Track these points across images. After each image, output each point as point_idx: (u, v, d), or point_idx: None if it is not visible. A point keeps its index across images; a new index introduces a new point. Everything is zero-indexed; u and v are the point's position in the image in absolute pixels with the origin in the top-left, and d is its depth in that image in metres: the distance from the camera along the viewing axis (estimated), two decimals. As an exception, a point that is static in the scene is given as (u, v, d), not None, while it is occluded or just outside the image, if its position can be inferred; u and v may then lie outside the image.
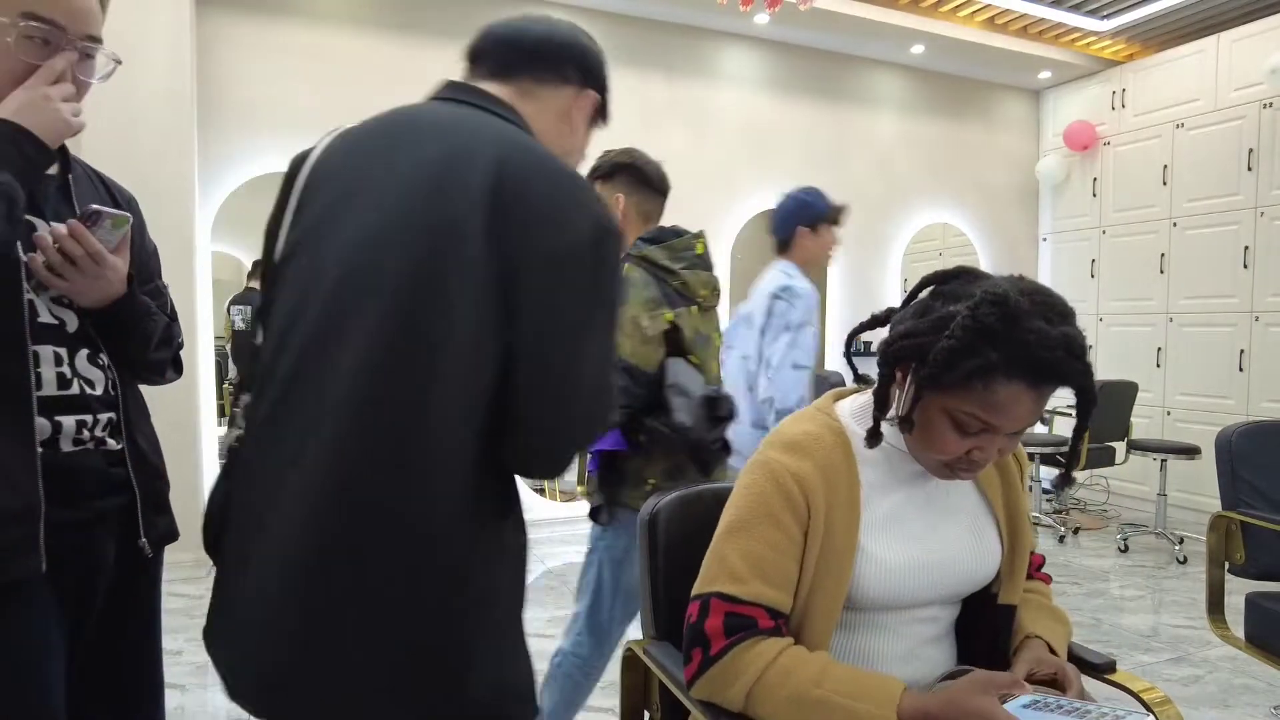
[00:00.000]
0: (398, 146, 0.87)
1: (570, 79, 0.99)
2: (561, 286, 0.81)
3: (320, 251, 0.84)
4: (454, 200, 0.80)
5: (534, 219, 0.80)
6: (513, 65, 0.97)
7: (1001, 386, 0.90)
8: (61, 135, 0.99)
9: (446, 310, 0.78)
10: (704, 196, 4.94)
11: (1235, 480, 2.05)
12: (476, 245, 0.78)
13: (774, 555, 0.98)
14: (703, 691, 0.98)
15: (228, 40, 3.85)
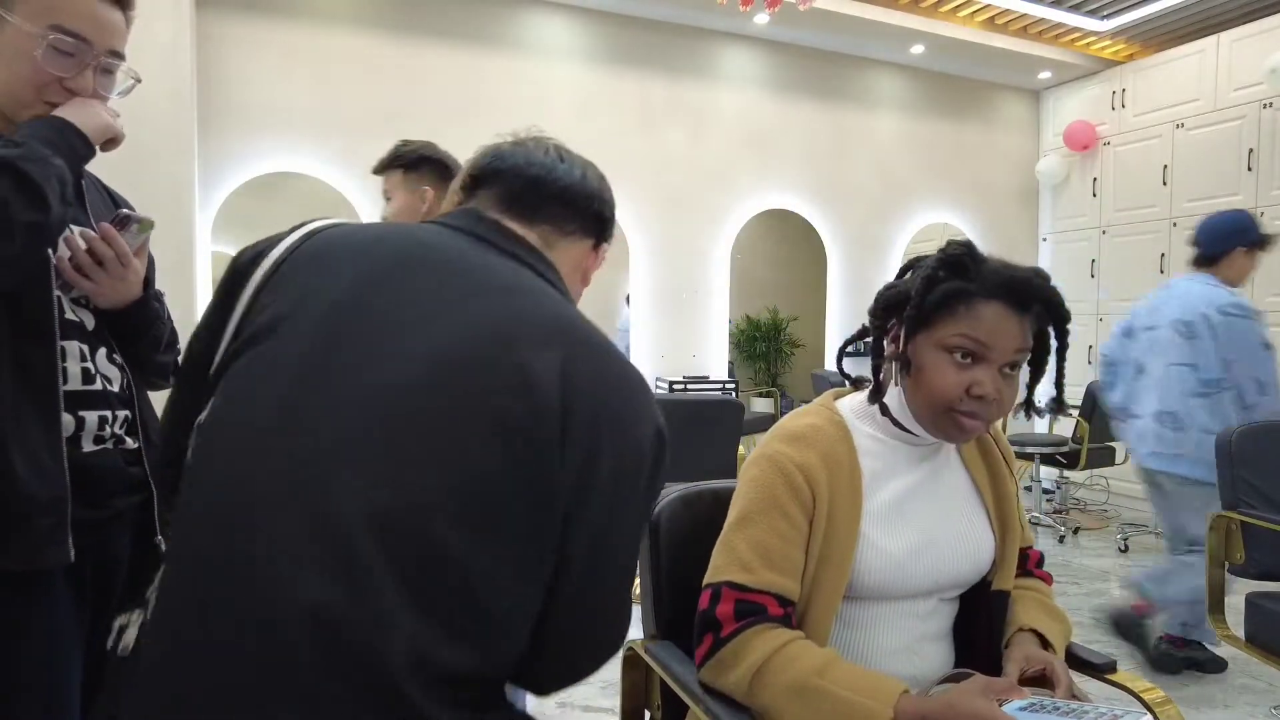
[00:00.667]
0: (440, 294, 0.74)
1: (590, 232, 0.91)
2: (620, 501, 0.73)
3: (323, 398, 0.69)
4: (517, 389, 0.68)
5: (606, 429, 0.71)
6: (538, 208, 0.86)
7: (983, 305, 0.98)
8: (104, 134, 1.04)
9: (503, 517, 0.68)
10: (704, 196, 4.95)
11: (1235, 480, 2.05)
12: (543, 449, 0.68)
13: (781, 544, 1.01)
14: (711, 674, 1.01)
15: (228, 40, 3.85)
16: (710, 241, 5.00)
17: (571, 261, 0.90)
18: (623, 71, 4.71)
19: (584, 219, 0.90)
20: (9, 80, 0.99)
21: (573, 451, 0.69)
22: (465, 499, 0.66)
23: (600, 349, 0.76)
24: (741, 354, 6.35)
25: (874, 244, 5.47)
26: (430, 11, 4.24)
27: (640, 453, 0.73)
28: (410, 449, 0.66)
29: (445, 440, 0.67)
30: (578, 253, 0.91)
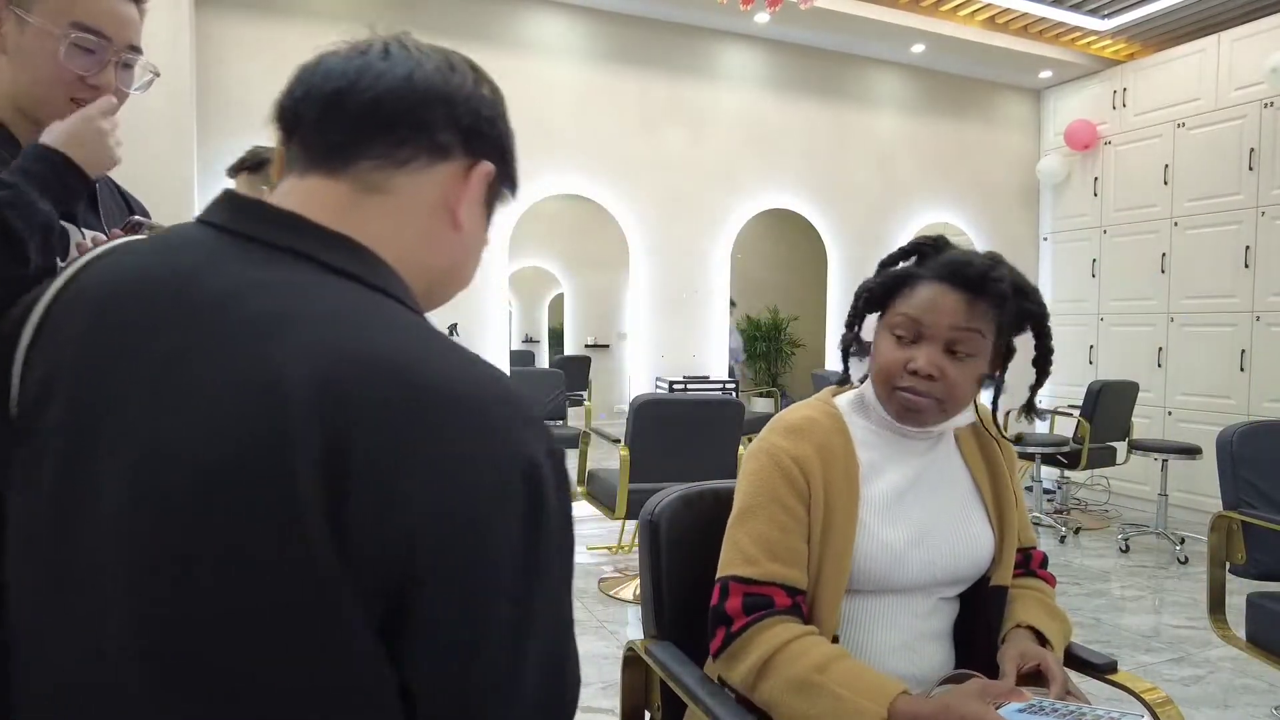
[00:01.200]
0: (150, 352, 0.53)
1: (448, 149, 0.62)
2: (479, 571, 0.51)
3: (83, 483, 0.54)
4: (261, 486, 0.48)
5: (404, 487, 0.48)
6: (347, 142, 0.60)
7: (923, 287, 1.04)
8: (105, 169, 1.02)
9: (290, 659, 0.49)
10: (704, 196, 4.94)
11: (1236, 480, 2.04)
12: (316, 554, 0.47)
13: (782, 535, 1.03)
14: (724, 667, 1.03)
15: (228, 40, 3.85)
16: (710, 241, 4.99)
17: (426, 202, 0.62)
18: (623, 71, 4.70)
19: (426, 135, 0.61)
20: (33, 80, 1.00)
21: (364, 524, 0.48)
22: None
23: (386, 354, 0.51)
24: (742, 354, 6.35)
25: (875, 243, 5.47)
26: (430, 11, 4.24)
27: (490, 494, 0.50)
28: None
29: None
30: (430, 188, 0.62)
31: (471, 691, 0.52)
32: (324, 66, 0.63)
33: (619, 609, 3.21)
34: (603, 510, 3.40)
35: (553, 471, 0.54)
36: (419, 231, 0.62)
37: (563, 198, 4.68)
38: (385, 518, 0.48)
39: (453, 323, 4.29)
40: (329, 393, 0.48)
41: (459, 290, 0.71)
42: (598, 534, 4.30)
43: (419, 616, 0.50)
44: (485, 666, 0.52)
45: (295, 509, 0.47)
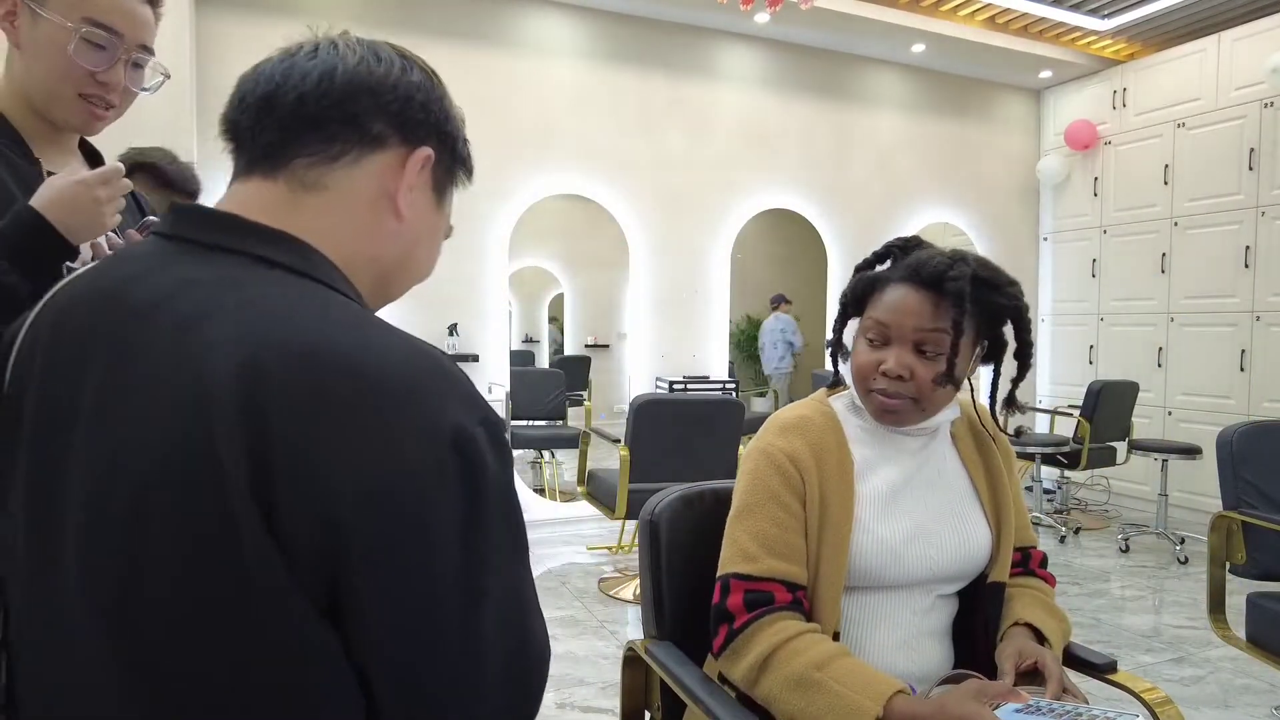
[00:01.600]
0: (92, 366, 0.55)
1: (382, 139, 0.62)
2: (414, 549, 0.50)
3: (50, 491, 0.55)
4: (193, 485, 0.48)
5: (326, 470, 0.48)
6: (278, 145, 0.61)
7: (891, 289, 1.07)
8: (91, 238, 0.99)
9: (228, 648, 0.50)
10: (704, 196, 4.94)
11: (1236, 480, 2.04)
12: (250, 548, 0.48)
13: (780, 532, 1.05)
14: (727, 664, 1.03)
15: (228, 40, 3.85)
16: (710, 241, 4.99)
17: (364, 195, 0.62)
18: (623, 71, 4.70)
19: (356, 128, 0.61)
20: (44, 74, 1.00)
21: (293, 505, 0.48)
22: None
23: (306, 337, 0.51)
24: (742, 354, 6.35)
25: (875, 243, 5.38)
26: (430, 11, 4.24)
27: (419, 468, 0.50)
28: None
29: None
30: (366, 180, 0.62)
31: (427, 675, 0.52)
32: (257, 73, 0.63)
33: (619, 609, 3.21)
34: (603, 510, 3.40)
35: (488, 439, 0.53)
36: (360, 224, 0.62)
37: (563, 198, 4.68)
38: (310, 503, 0.48)
39: (453, 322, 4.29)
40: (249, 382, 0.49)
41: (417, 280, 0.70)
42: (598, 534, 4.30)
43: (361, 602, 0.50)
44: (437, 648, 0.52)
45: (226, 504, 0.48)
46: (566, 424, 5.21)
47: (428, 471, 0.50)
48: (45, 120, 1.04)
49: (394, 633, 0.51)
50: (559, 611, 3.16)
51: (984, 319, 1.06)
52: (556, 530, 4.40)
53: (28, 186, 1.00)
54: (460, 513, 0.52)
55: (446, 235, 0.72)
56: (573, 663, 2.68)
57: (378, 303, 0.67)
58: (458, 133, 0.69)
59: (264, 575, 0.48)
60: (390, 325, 0.56)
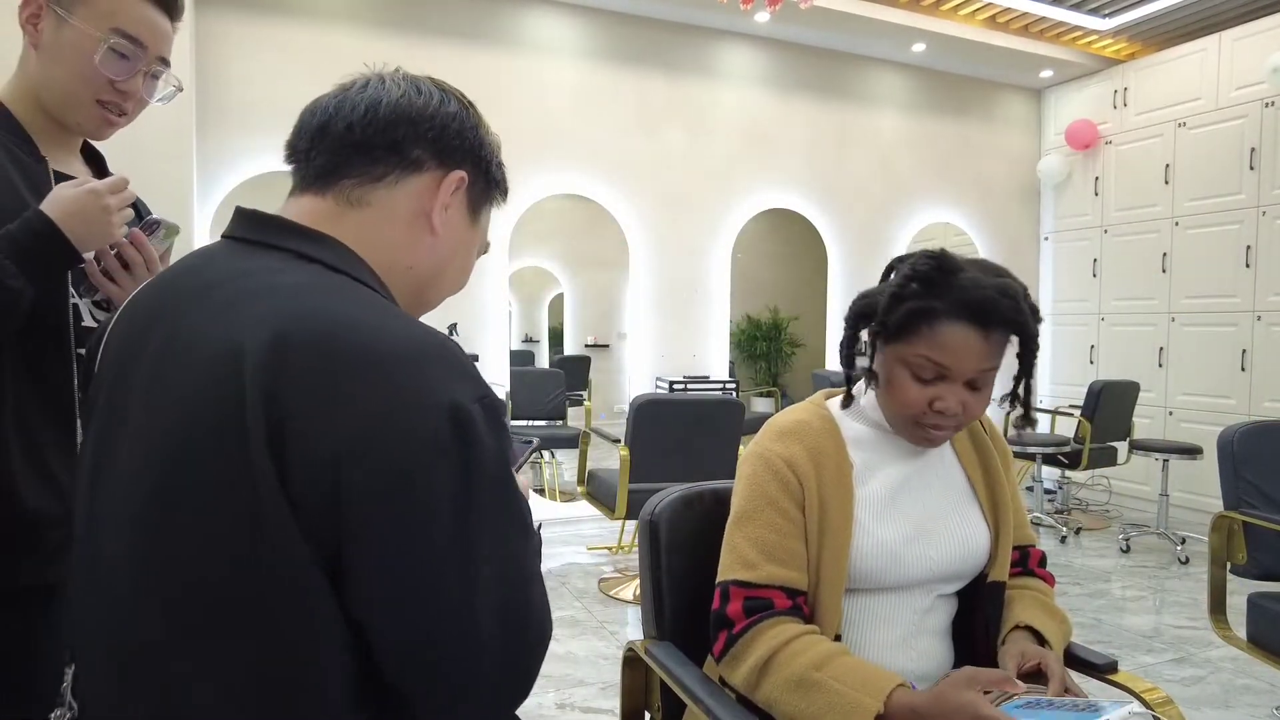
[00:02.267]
0: (155, 334, 0.65)
1: (420, 163, 0.70)
2: (408, 509, 0.56)
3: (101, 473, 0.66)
4: (223, 439, 0.56)
5: (330, 434, 0.55)
6: (330, 167, 0.69)
7: (944, 327, 0.98)
8: (97, 247, 1.01)
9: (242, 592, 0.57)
10: (704, 196, 4.94)
11: (1237, 480, 2.04)
12: (261, 496, 0.55)
13: (779, 538, 1.04)
14: (727, 669, 1.04)
15: (228, 40, 3.85)
16: (710, 241, 4.99)
17: (403, 212, 0.70)
18: (623, 70, 4.70)
19: (397, 153, 0.69)
20: (66, 79, 1.01)
21: (306, 468, 0.55)
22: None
23: (331, 315, 0.59)
24: (742, 353, 6.35)
25: (875, 243, 5.47)
26: (430, 10, 4.24)
27: (420, 443, 0.56)
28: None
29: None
30: (406, 199, 0.70)
31: (421, 634, 0.57)
32: (314, 105, 0.72)
33: (619, 609, 3.21)
34: (603, 510, 3.40)
35: (484, 414, 0.59)
36: (398, 238, 0.71)
37: (563, 197, 4.68)
38: (314, 461, 0.55)
39: (452, 322, 4.29)
40: (275, 350, 0.56)
41: (452, 291, 0.78)
42: (598, 534, 4.29)
43: (359, 559, 0.56)
44: (431, 607, 0.57)
45: (247, 457, 0.55)
46: (566, 424, 5.21)
47: (423, 438, 0.56)
48: (54, 121, 1.05)
49: (389, 590, 0.57)
50: (559, 612, 3.16)
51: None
52: (556, 530, 4.40)
53: (34, 184, 1.01)
54: (454, 480, 0.57)
55: (484, 251, 0.81)
56: (573, 663, 2.68)
57: (416, 310, 0.75)
58: (491, 157, 0.76)
59: (275, 525, 0.55)
60: (407, 315, 0.63)
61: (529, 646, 0.62)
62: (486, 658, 0.59)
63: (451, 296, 0.79)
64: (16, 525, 0.96)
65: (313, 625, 0.57)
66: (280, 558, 0.55)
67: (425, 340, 0.60)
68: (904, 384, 1.02)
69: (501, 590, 0.59)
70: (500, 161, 0.78)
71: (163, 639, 0.59)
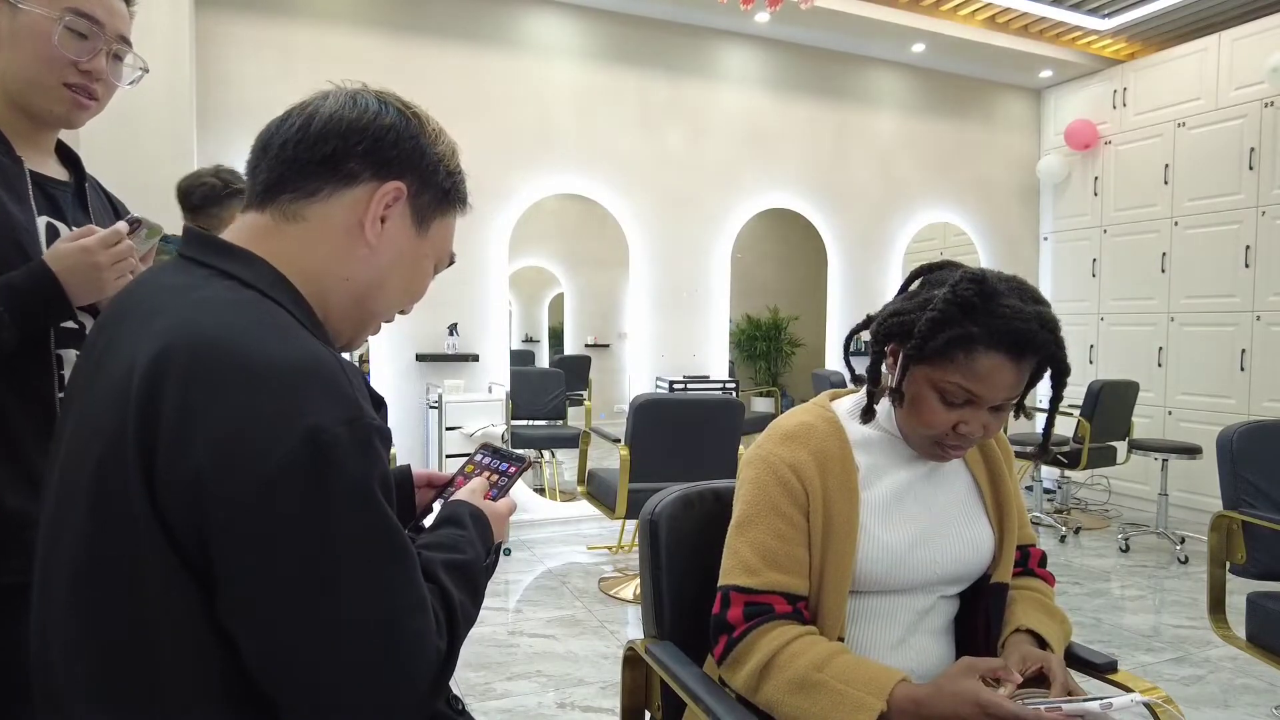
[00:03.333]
0: (98, 343, 0.70)
1: (355, 175, 0.71)
2: (259, 528, 0.57)
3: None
4: (112, 448, 0.60)
5: (193, 447, 0.57)
6: (270, 184, 0.71)
7: (982, 356, 0.97)
8: (91, 300, 1.02)
9: (125, 594, 0.60)
10: (704, 196, 4.94)
11: (1236, 480, 2.04)
12: (134, 505, 0.58)
13: (781, 544, 1.04)
14: (728, 673, 1.04)
15: (227, 40, 3.85)
16: (710, 241, 4.99)
17: (337, 224, 0.71)
18: (623, 71, 4.70)
19: (330, 168, 0.70)
20: (28, 65, 1.01)
21: (171, 483, 0.58)
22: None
23: (208, 333, 0.61)
24: (742, 353, 6.35)
25: (875, 243, 5.47)
26: (430, 10, 4.24)
27: (270, 464, 0.57)
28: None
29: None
30: (340, 211, 0.71)
31: (282, 655, 0.60)
32: (270, 122, 0.74)
33: (619, 609, 3.21)
34: (603, 510, 3.40)
35: (350, 438, 0.59)
36: (333, 249, 0.72)
37: (563, 198, 4.68)
38: (179, 473, 0.57)
39: (453, 322, 4.28)
40: (156, 365, 0.59)
41: (402, 304, 0.79)
42: (598, 534, 4.30)
43: (219, 572, 0.58)
44: (286, 633, 0.59)
45: (124, 471, 0.58)
46: (566, 424, 5.21)
47: (276, 460, 0.57)
48: (26, 117, 1.05)
49: (245, 608, 0.59)
50: (559, 611, 3.16)
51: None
52: (556, 530, 4.40)
53: (9, 184, 1.01)
54: (306, 503, 0.58)
55: (448, 263, 0.81)
56: (573, 663, 2.68)
57: (362, 322, 0.76)
58: (437, 166, 0.75)
59: (144, 532, 0.58)
60: (299, 334, 0.64)
61: (397, 672, 0.62)
62: (345, 682, 0.60)
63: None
64: (5, 523, 0.96)
65: (183, 634, 0.60)
66: (157, 579, 0.59)
67: (302, 359, 0.61)
68: (931, 407, 1.01)
69: (363, 615, 0.60)
70: (452, 170, 0.77)
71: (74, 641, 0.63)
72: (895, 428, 1.10)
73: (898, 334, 1.04)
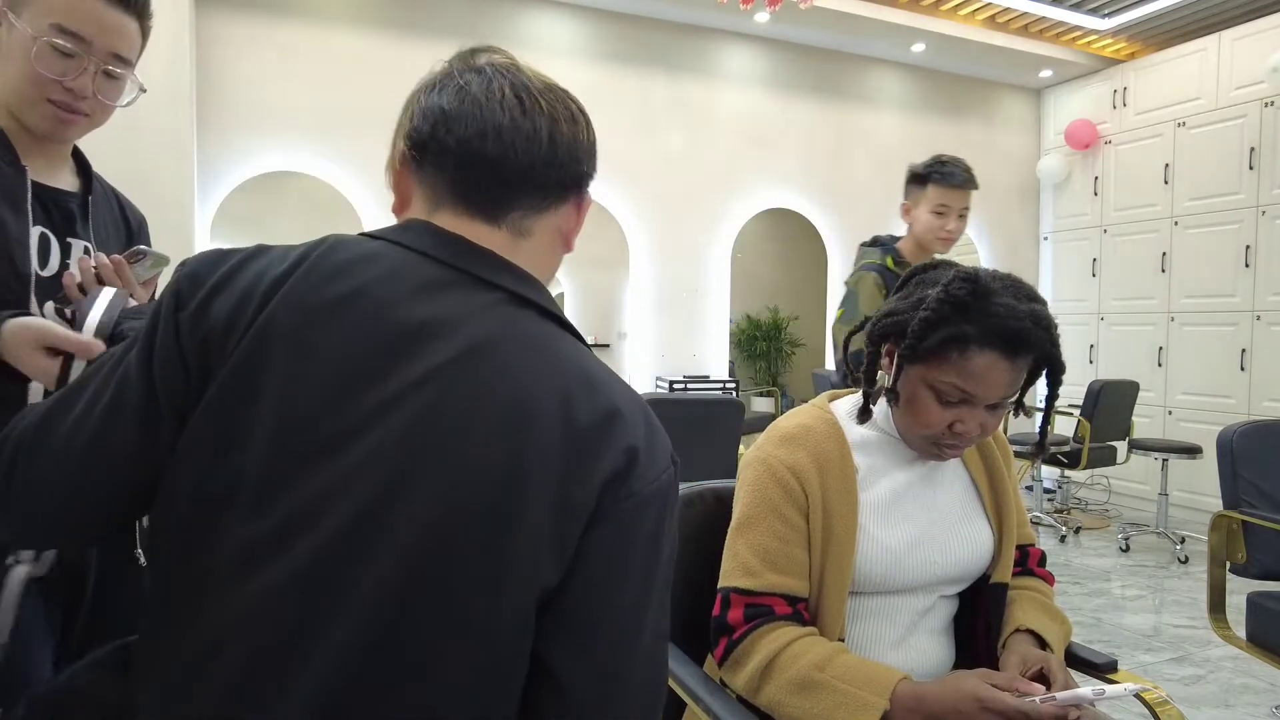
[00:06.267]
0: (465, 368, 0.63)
1: (566, 195, 0.74)
2: (629, 545, 0.63)
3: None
4: (525, 453, 0.61)
5: (609, 472, 0.62)
6: (504, 199, 0.70)
7: (976, 355, 0.97)
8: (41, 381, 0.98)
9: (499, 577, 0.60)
10: (704, 196, 4.94)
11: (1236, 479, 2.04)
12: (544, 503, 0.60)
13: (781, 546, 1.04)
14: (729, 675, 1.04)
15: (227, 40, 3.85)
16: (710, 241, 4.99)
17: (550, 235, 0.74)
18: (623, 70, 4.70)
19: (561, 189, 0.73)
20: (16, 80, 1.01)
21: (578, 491, 0.62)
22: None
23: (600, 379, 0.67)
24: (742, 353, 6.35)
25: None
26: (430, 10, 4.24)
27: (650, 488, 0.65)
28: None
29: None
30: (554, 224, 0.74)
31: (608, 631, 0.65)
32: (466, 114, 0.69)
33: (619, 609, 3.21)
34: (603, 510, 3.39)
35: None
36: (543, 255, 0.74)
37: (563, 197, 4.68)
38: (601, 486, 0.63)
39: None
40: (566, 392, 0.66)
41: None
42: (598, 534, 4.29)
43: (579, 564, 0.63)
44: (618, 615, 0.65)
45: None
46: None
47: (658, 487, 0.67)
48: (27, 131, 1.04)
49: (595, 603, 0.65)
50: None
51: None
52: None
53: (8, 191, 1.01)
54: (655, 531, 0.67)
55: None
56: (573, 662, 2.68)
57: None
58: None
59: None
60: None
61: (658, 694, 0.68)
62: (644, 689, 0.67)
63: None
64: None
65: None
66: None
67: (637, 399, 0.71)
68: (927, 406, 1.01)
69: (657, 644, 0.69)
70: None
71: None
72: (893, 428, 1.10)
73: (892, 334, 1.04)
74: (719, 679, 1.07)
